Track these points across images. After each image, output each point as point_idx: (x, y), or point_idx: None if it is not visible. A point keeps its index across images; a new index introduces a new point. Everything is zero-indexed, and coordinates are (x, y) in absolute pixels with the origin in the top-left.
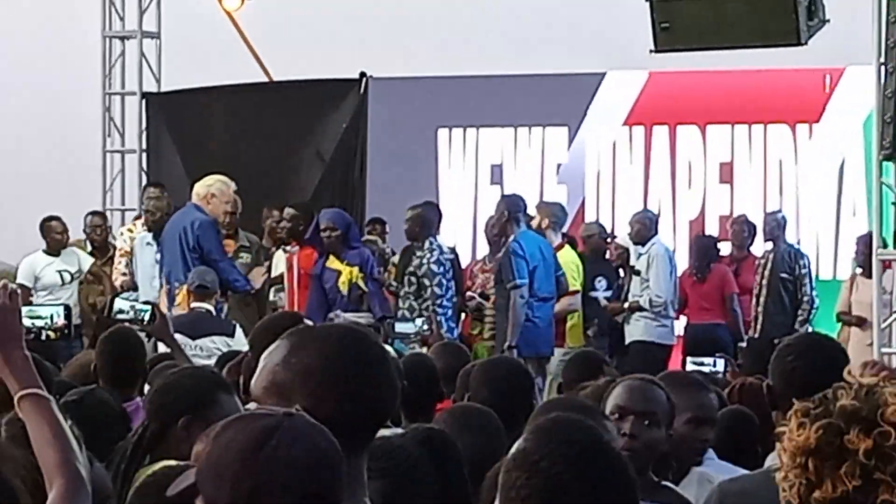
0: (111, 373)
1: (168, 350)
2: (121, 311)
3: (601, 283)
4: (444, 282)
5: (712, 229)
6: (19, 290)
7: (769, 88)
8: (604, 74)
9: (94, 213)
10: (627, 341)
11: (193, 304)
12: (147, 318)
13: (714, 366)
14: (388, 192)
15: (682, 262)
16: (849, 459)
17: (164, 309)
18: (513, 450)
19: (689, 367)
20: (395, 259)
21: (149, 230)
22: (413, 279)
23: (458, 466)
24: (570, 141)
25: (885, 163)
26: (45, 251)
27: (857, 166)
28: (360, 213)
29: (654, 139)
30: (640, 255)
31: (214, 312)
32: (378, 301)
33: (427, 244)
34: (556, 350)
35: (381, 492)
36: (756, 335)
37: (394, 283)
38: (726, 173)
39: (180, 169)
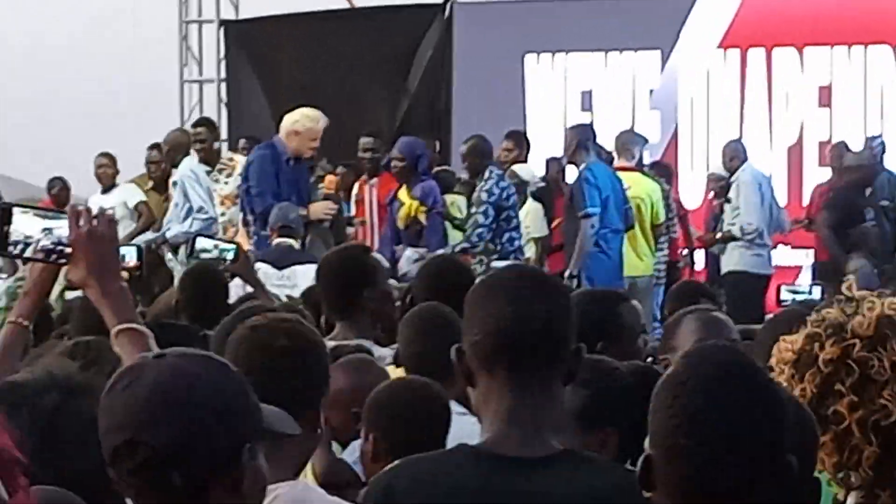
0: (193, 309)
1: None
2: (204, 250)
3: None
4: (492, 211)
5: (811, 156)
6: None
7: (870, 8)
8: None
9: (152, 147)
10: (723, 272)
11: (276, 241)
12: (231, 257)
13: (810, 293)
14: (474, 120)
15: (778, 192)
16: (813, 367)
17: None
18: (662, 377)
19: (784, 295)
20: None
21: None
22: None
23: None
24: (663, 65)
25: None
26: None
27: None
28: (447, 144)
29: (750, 62)
30: (731, 183)
31: (297, 247)
32: (436, 237)
33: (486, 173)
34: None
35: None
36: None
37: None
38: (825, 97)
39: (260, 98)
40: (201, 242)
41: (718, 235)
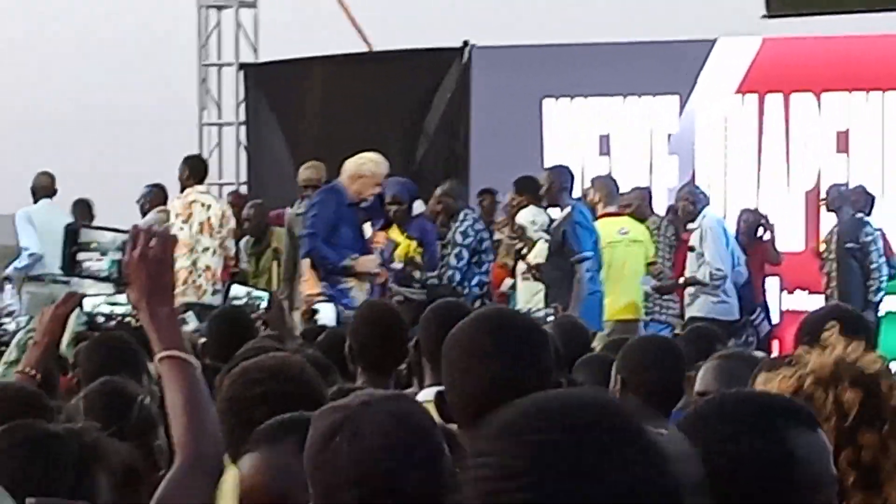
0: (217, 351)
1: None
2: (236, 298)
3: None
4: (466, 253)
5: None
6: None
7: (887, 54)
8: (715, 41)
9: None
10: (686, 317)
11: None
12: (263, 304)
13: None
14: (492, 164)
15: (796, 236)
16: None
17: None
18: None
19: None
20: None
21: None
22: (447, 250)
23: None
24: (681, 110)
25: None
26: None
27: None
28: (465, 186)
29: (768, 107)
30: (693, 230)
31: None
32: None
33: (462, 215)
34: None
35: None
36: None
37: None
38: (843, 142)
39: (280, 141)
40: (234, 290)
41: (681, 281)
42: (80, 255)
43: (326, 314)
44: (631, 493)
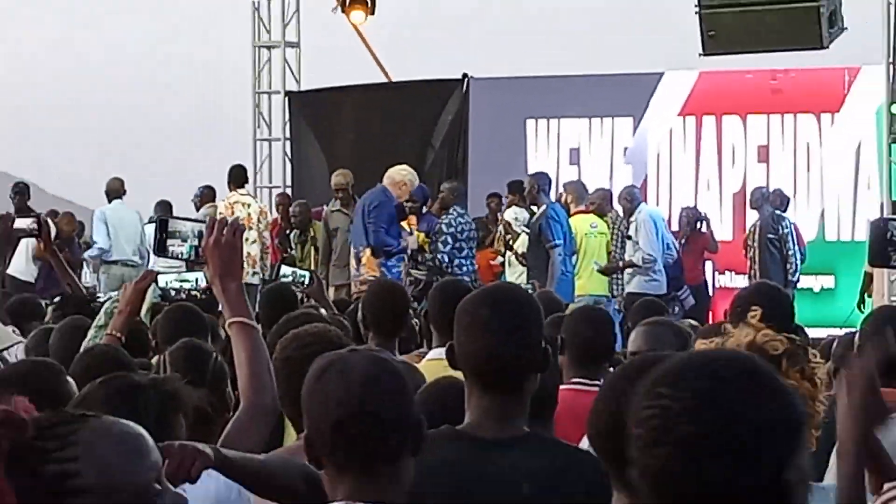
0: (268, 319)
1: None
2: (283, 276)
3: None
4: (450, 240)
5: None
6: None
7: (798, 85)
8: (662, 74)
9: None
10: (625, 293)
11: None
12: (306, 281)
13: None
14: (485, 172)
15: (726, 229)
16: None
17: (352, 269)
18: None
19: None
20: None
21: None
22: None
23: None
24: (635, 129)
25: (893, 145)
26: None
27: (871, 148)
28: (464, 188)
29: (704, 127)
30: (630, 223)
31: None
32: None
33: (451, 210)
34: None
35: None
36: None
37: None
38: (763, 154)
39: (317, 153)
40: (283, 270)
41: (621, 264)
42: (168, 241)
43: None
44: (769, 423)
